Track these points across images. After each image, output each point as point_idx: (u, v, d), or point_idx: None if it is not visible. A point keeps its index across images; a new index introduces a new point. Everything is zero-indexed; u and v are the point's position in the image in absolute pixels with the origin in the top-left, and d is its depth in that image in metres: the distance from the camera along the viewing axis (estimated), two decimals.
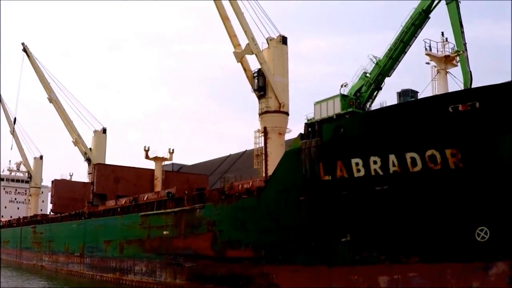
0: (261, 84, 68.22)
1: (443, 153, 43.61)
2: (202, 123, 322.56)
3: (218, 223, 61.39)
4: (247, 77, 71.35)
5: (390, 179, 46.20)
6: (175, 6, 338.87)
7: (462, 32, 57.87)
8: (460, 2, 59.08)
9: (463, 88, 52.65)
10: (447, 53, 54.45)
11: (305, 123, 54.33)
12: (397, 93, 55.49)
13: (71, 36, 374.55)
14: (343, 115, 52.03)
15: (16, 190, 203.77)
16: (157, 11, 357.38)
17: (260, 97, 68.50)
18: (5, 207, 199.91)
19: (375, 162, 46.73)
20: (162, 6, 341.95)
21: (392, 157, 45.79)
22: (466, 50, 55.36)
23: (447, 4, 59.31)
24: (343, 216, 48.78)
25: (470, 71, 55.88)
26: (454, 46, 55.87)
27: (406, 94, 54.53)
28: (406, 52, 63.39)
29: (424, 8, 60.79)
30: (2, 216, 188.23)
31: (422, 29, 61.98)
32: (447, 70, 54.61)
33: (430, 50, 54.98)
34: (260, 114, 68.27)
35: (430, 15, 61.62)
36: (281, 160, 55.68)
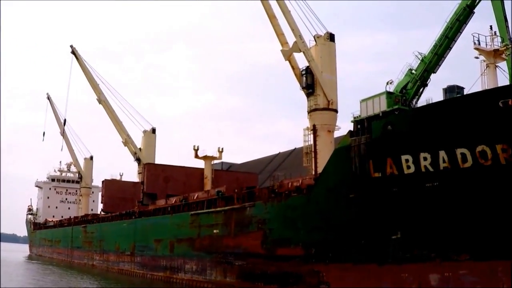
0: (309, 82, 68.16)
1: (493, 148, 43.01)
2: (249, 122, 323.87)
3: (268, 221, 61.47)
4: (295, 75, 71.36)
5: (440, 176, 45.70)
6: (220, 6, 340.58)
7: (507, 27, 57.20)
8: None
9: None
10: (496, 47, 53.69)
11: (354, 120, 54.18)
12: (443, 89, 54.90)
13: (120, 38, 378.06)
14: (390, 112, 51.70)
15: (67, 190, 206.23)
16: (203, 11, 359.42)
17: (308, 95, 68.47)
18: (56, 207, 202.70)
19: (425, 159, 46.25)
20: (209, 6, 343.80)
21: (442, 153, 45.27)
22: (511, 45, 54.58)
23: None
24: (393, 213, 48.43)
25: None
26: (503, 39, 55.21)
27: (452, 90, 53.91)
28: (451, 48, 62.86)
29: (468, 3, 60.22)
30: (53, 216, 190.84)
31: (467, 25, 61.39)
32: (497, 64, 53.84)
33: (479, 44, 54.20)
34: (308, 112, 68.26)
35: (475, 10, 61.06)
36: (331, 158, 55.52)
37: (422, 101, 59.67)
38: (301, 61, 70.93)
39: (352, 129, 53.58)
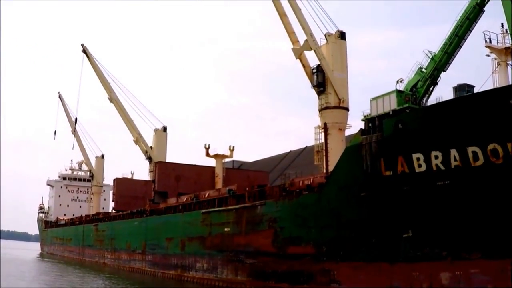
0: (320, 80, 68.11)
1: (505, 147, 42.92)
2: (261, 120, 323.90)
3: (279, 219, 61.53)
4: (306, 73, 71.33)
5: (452, 174, 45.65)
6: (232, 5, 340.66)
7: None
8: None
9: None
10: (508, 45, 53.51)
11: (365, 119, 54.17)
12: (453, 88, 54.84)
13: (133, 36, 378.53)
14: (400, 110, 51.64)
15: (78, 189, 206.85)
16: (214, 11, 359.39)
17: (319, 93, 68.42)
18: (68, 205, 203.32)
19: (436, 157, 46.20)
20: (219, 6, 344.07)
21: (453, 152, 45.20)
22: None
23: None
24: (404, 212, 48.41)
25: None
26: None
27: (462, 89, 53.84)
28: (461, 47, 62.75)
29: (478, 1, 60.07)
30: (65, 215, 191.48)
31: (476, 23, 61.24)
32: (508, 62, 53.69)
33: (490, 42, 54.07)
34: (320, 110, 68.20)
35: (485, 9, 60.88)
36: (342, 156, 55.53)
37: (432, 100, 59.64)
38: (312, 59, 70.94)
39: (363, 127, 53.58)
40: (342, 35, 69.77)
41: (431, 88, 64.00)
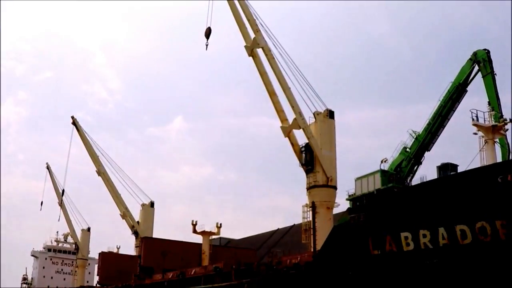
0: (308, 159, 68.39)
1: (493, 225, 43.02)
2: (248, 196, 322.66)
3: None
4: (295, 151, 71.59)
5: (440, 252, 45.69)
6: (220, 82, 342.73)
7: (499, 105, 57.80)
8: (496, 74, 59.20)
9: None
10: (494, 123, 54.00)
11: (350, 198, 54.50)
12: (437, 167, 55.56)
13: (120, 110, 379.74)
14: (384, 190, 51.94)
15: (63, 261, 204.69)
16: (203, 86, 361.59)
17: (307, 172, 68.55)
18: (52, 277, 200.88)
19: (424, 236, 46.31)
20: (209, 81, 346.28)
21: (441, 230, 45.32)
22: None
23: (483, 77, 59.50)
24: None
25: (508, 144, 55.66)
26: (502, 115, 55.73)
27: (446, 168, 54.48)
28: (445, 126, 63.60)
29: (461, 81, 60.99)
30: (48, 287, 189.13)
31: (459, 103, 62.08)
32: (495, 140, 54.12)
33: (477, 120, 54.56)
34: (308, 189, 68.24)
35: (468, 88, 61.81)
36: (330, 235, 55.47)
37: (416, 179, 60.23)
38: (301, 138, 71.27)
39: (348, 206, 53.82)
40: (330, 114, 70.22)
41: (415, 167, 64.51)
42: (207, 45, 76.48)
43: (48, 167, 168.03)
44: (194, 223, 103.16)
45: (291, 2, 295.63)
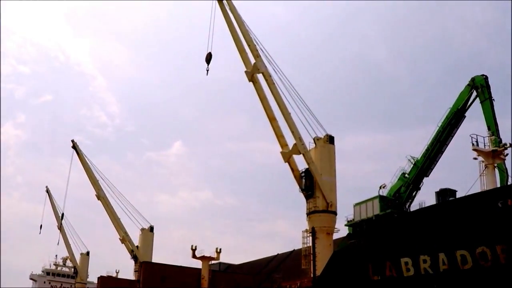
0: (308, 184, 68.41)
1: (493, 249, 43.01)
2: (247, 221, 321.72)
3: None
4: (295, 176, 71.64)
5: (440, 278, 45.62)
6: (220, 107, 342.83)
7: (497, 130, 57.89)
8: (494, 100, 59.37)
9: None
10: (494, 148, 53.97)
11: (348, 224, 54.45)
12: (436, 192, 55.40)
13: (119, 132, 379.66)
14: (383, 216, 51.92)
15: (61, 284, 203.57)
16: (202, 110, 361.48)
17: (307, 197, 68.54)
18: None
19: (424, 261, 46.28)
20: (209, 106, 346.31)
21: (442, 255, 45.31)
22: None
23: (481, 103, 59.64)
24: None
25: (506, 169, 55.71)
26: (501, 140, 55.81)
27: (445, 194, 54.39)
28: (443, 152, 63.52)
29: (459, 107, 61.12)
30: None
31: (458, 128, 62.17)
32: (495, 165, 54.07)
33: (477, 145, 54.51)
34: (307, 214, 68.22)
35: (466, 114, 61.93)
36: (330, 260, 55.39)
37: (415, 205, 60.17)
38: (301, 163, 71.27)
39: (347, 232, 53.77)
40: (330, 139, 70.39)
41: (414, 193, 64.47)
42: (207, 70, 76.70)
43: (47, 191, 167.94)
44: (194, 247, 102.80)
45: (291, 29, 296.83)
